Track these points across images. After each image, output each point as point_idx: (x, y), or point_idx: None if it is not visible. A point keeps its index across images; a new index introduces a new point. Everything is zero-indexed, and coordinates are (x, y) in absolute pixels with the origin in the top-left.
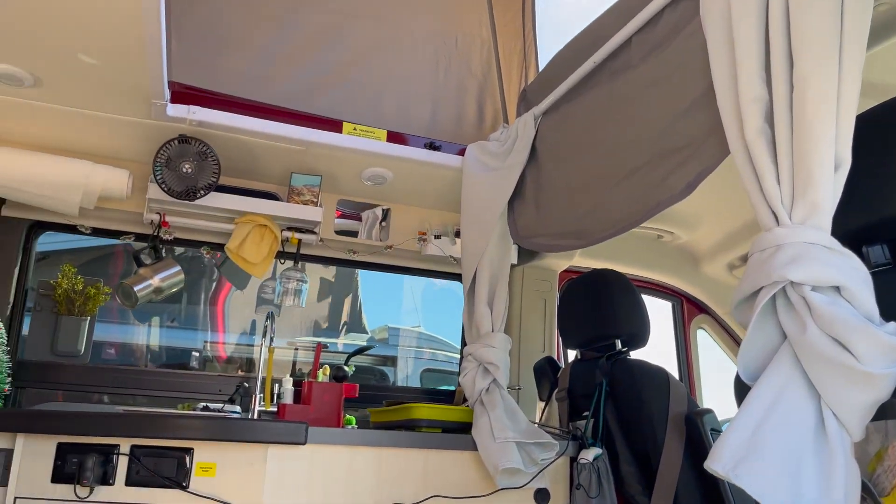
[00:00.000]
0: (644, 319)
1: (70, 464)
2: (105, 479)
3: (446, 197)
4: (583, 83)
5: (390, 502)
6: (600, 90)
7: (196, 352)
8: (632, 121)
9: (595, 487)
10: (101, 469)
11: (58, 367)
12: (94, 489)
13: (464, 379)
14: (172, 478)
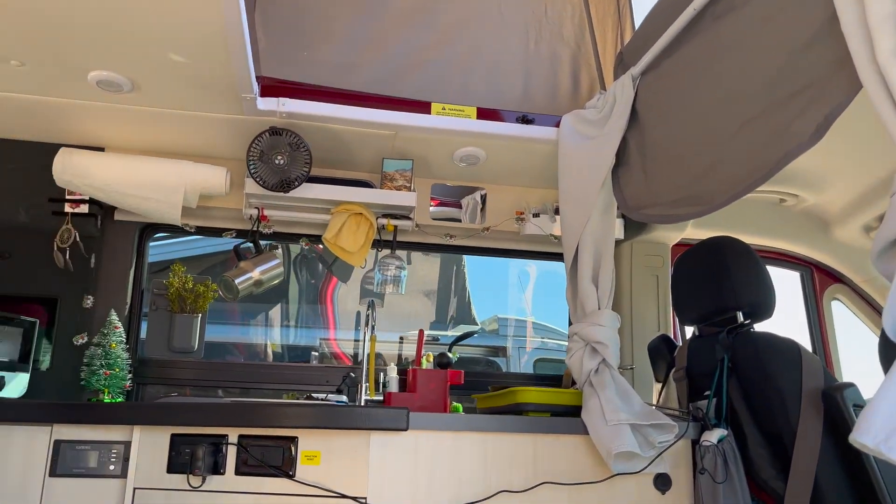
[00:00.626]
0: (767, 288)
1: (183, 454)
2: (216, 469)
3: (543, 173)
4: (683, 34)
5: (497, 490)
6: (703, 38)
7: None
8: (743, 66)
9: (721, 472)
10: (212, 459)
11: (174, 364)
12: (205, 478)
13: (571, 360)
14: (279, 466)
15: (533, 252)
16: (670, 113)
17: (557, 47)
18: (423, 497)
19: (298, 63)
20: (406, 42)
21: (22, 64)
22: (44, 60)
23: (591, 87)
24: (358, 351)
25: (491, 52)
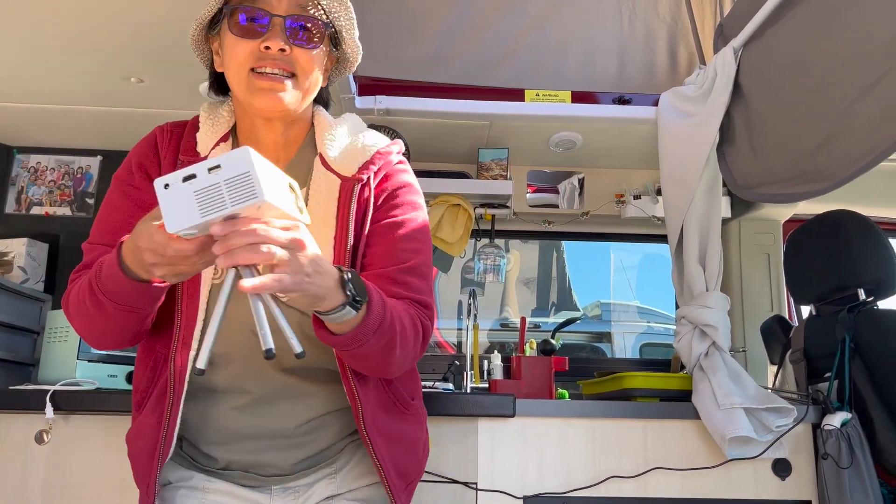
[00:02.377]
0: (891, 262)
1: None
2: None
3: (643, 154)
4: (787, 2)
5: (607, 475)
6: (810, 4)
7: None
8: (856, 30)
9: (847, 457)
10: None
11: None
12: None
13: (679, 344)
14: None
15: (635, 235)
16: (779, 84)
17: (653, 23)
18: (532, 482)
19: (392, 61)
20: (497, 31)
21: (140, 80)
22: (159, 76)
23: (689, 63)
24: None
25: (584, 34)
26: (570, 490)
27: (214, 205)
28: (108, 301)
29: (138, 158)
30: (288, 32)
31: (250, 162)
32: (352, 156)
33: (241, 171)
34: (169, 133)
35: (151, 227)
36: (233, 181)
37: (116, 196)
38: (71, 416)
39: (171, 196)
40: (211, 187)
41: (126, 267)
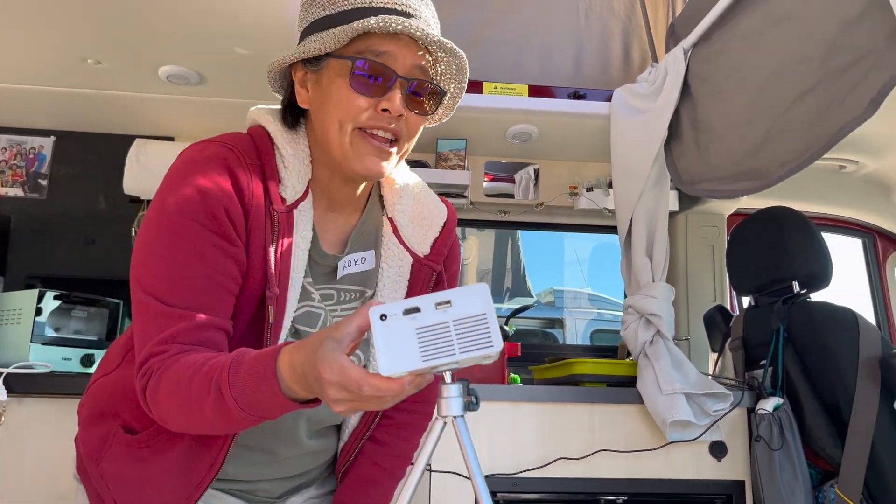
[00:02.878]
0: (824, 257)
1: None
2: None
3: (596, 147)
4: (736, 5)
5: (555, 457)
6: (757, 9)
7: None
8: (797, 37)
9: (778, 439)
10: None
11: None
12: None
13: (626, 332)
14: None
15: (587, 226)
16: (723, 85)
17: (608, 21)
18: (484, 464)
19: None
20: (457, 23)
21: (98, 62)
22: (118, 58)
23: (642, 61)
24: None
25: (542, 28)
26: (520, 471)
27: (440, 349)
28: (241, 412)
29: (225, 203)
30: (407, 98)
31: (488, 303)
32: (421, 230)
33: (476, 312)
34: (248, 168)
35: (343, 360)
36: (464, 323)
37: (203, 246)
38: (24, 398)
39: (389, 331)
40: (437, 327)
41: (285, 385)
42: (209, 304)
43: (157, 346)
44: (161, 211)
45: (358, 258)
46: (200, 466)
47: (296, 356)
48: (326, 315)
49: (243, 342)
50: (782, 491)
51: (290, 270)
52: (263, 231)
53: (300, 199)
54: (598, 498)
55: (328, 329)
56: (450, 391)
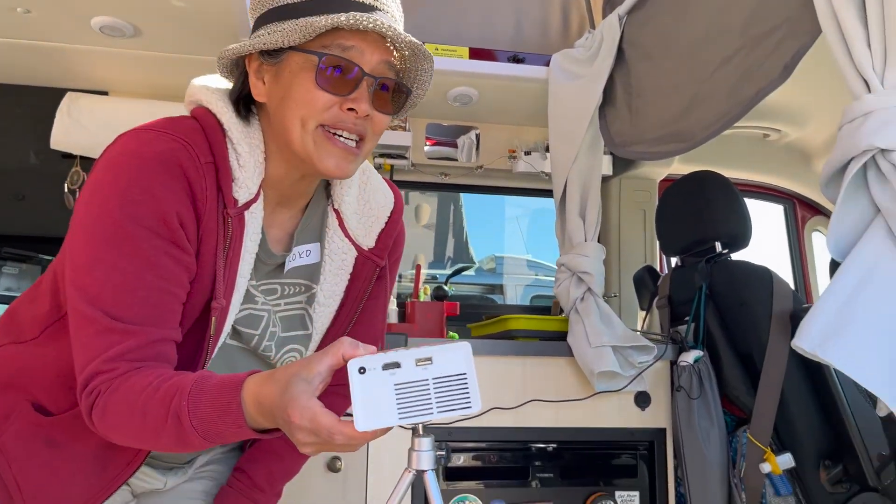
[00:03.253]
0: (744, 219)
1: None
2: None
3: (535, 112)
4: None
5: (490, 406)
6: None
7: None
8: (719, 7)
9: (696, 389)
10: None
11: None
12: None
13: (558, 289)
14: None
15: (525, 189)
16: (654, 52)
17: None
18: None
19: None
20: None
21: (27, 11)
22: (48, 7)
23: (580, 26)
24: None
25: None
26: (456, 420)
27: (417, 407)
28: (202, 440)
29: (178, 209)
30: (374, 96)
31: (470, 363)
32: (367, 221)
33: (456, 371)
34: (202, 168)
35: (315, 406)
36: (444, 382)
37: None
38: None
39: (367, 385)
40: (417, 384)
41: (249, 417)
42: (159, 318)
43: (103, 364)
44: (107, 213)
45: (303, 251)
46: (119, 461)
47: (263, 391)
48: (270, 316)
49: (181, 349)
50: (700, 436)
51: (236, 276)
52: (215, 236)
53: (252, 201)
54: (529, 446)
55: (298, 365)
56: (422, 444)
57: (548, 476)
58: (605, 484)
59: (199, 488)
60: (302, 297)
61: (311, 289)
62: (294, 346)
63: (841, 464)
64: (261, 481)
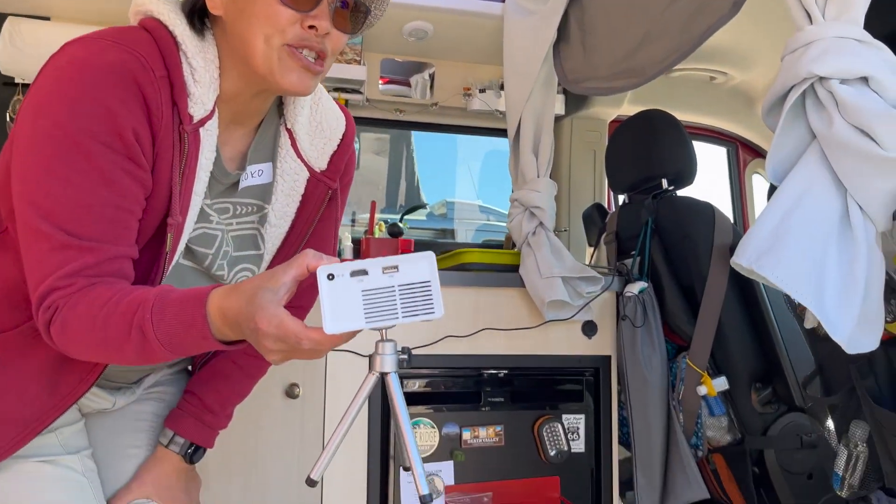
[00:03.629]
0: (689, 156)
1: None
2: None
3: (490, 49)
4: None
5: (444, 335)
6: None
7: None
8: None
9: (640, 318)
10: None
11: None
12: None
13: (511, 224)
14: None
15: (480, 128)
16: None
17: None
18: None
19: None
20: None
21: None
22: None
23: None
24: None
25: None
26: (412, 348)
27: (384, 312)
28: (164, 350)
29: (134, 124)
30: (334, 14)
31: (434, 271)
32: (320, 142)
33: (421, 279)
34: (157, 82)
35: (281, 313)
36: (408, 289)
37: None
38: None
39: (335, 290)
40: (382, 291)
41: (215, 329)
42: (117, 235)
43: (59, 280)
44: (57, 125)
45: (256, 171)
46: (70, 380)
47: (227, 303)
48: (223, 235)
49: (136, 265)
50: (642, 362)
51: (192, 194)
52: (171, 153)
53: (207, 117)
54: (481, 372)
55: (262, 277)
56: (385, 348)
57: (499, 401)
58: (553, 408)
59: (148, 409)
60: (254, 217)
61: (263, 209)
62: (246, 265)
63: (770, 386)
64: (211, 403)
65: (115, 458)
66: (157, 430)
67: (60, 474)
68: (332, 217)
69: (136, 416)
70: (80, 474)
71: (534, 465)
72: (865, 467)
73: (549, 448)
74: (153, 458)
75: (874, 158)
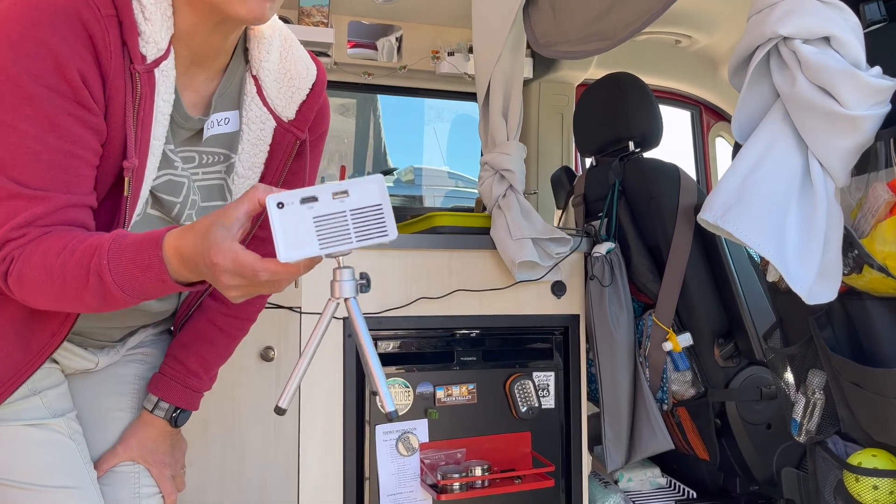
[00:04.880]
0: (656, 118)
1: None
2: None
3: (459, 12)
4: None
5: (417, 297)
6: None
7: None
8: None
9: (608, 278)
10: None
11: None
12: None
13: (482, 187)
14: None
15: (449, 91)
16: None
17: None
18: None
19: None
20: None
21: None
22: None
23: None
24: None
25: None
26: (386, 310)
27: (337, 237)
28: (123, 295)
29: (80, 67)
30: None
31: (384, 194)
32: (288, 91)
33: (372, 203)
34: (104, 21)
35: (236, 247)
36: (360, 213)
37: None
38: None
39: (287, 218)
40: (334, 216)
41: (173, 270)
42: (69, 182)
43: (12, 231)
44: (1, 70)
45: (221, 119)
46: (43, 333)
47: (183, 242)
48: (189, 183)
49: (98, 216)
50: (610, 321)
51: (150, 138)
52: (123, 95)
53: (162, 58)
54: (454, 332)
55: (216, 214)
56: (343, 275)
57: (471, 360)
58: (523, 366)
59: (131, 371)
60: (220, 167)
61: (230, 158)
62: None
63: (732, 341)
64: (195, 367)
65: (99, 421)
66: (142, 393)
67: (47, 437)
68: (301, 169)
69: (121, 378)
70: (66, 437)
71: (506, 422)
72: (822, 413)
73: (521, 405)
74: (138, 422)
75: (834, 116)
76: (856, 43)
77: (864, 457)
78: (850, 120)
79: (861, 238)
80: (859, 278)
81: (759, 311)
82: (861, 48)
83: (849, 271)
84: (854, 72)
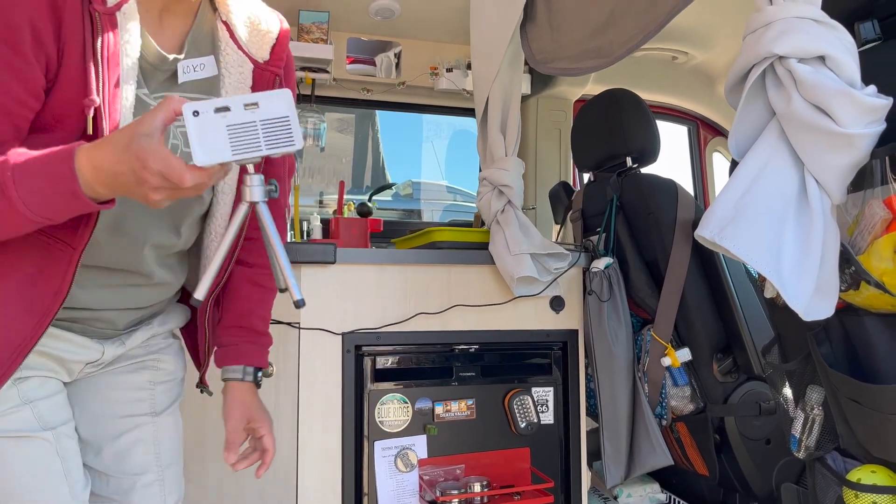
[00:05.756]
0: (653, 134)
1: None
2: None
3: (457, 28)
4: None
5: (416, 312)
6: None
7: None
8: None
9: (606, 293)
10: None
11: None
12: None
13: (480, 202)
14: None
15: (447, 107)
16: None
17: None
18: (350, 320)
19: None
20: None
21: None
22: None
23: None
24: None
25: None
26: (384, 325)
27: (248, 145)
28: (29, 212)
29: (29, 15)
30: None
31: (291, 107)
32: (258, 35)
33: (280, 114)
34: None
35: (166, 152)
36: (270, 124)
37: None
38: None
39: (202, 126)
40: (246, 125)
41: (86, 185)
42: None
43: None
44: None
45: (197, 64)
46: (45, 291)
47: (101, 154)
48: (171, 128)
49: None
50: (609, 336)
51: (118, 80)
52: (81, 36)
53: (123, 1)
54: (452, 348)
55: (132, 126)
56: (253, 181)
57: (470, 375)
58: (522, 381)
59: (145, 378)
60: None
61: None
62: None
63: (731, 356)
64: (260, 325)
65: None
66: (156, 395)
67: (31, 454)
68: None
69: (135, 384)
70: (53, 453)
71: (505, 437)
72: (821, 429)
73: (520, 420)
74: (231, 396)
75: (830, 134)
76: (851, 62)
77: (863, 473)
78: (845, 138)
79: (858, 255)
80: (856, 295)
81: (758, 326)
82: (856, 67)
83: (846, 288)
84: (849, 91)
